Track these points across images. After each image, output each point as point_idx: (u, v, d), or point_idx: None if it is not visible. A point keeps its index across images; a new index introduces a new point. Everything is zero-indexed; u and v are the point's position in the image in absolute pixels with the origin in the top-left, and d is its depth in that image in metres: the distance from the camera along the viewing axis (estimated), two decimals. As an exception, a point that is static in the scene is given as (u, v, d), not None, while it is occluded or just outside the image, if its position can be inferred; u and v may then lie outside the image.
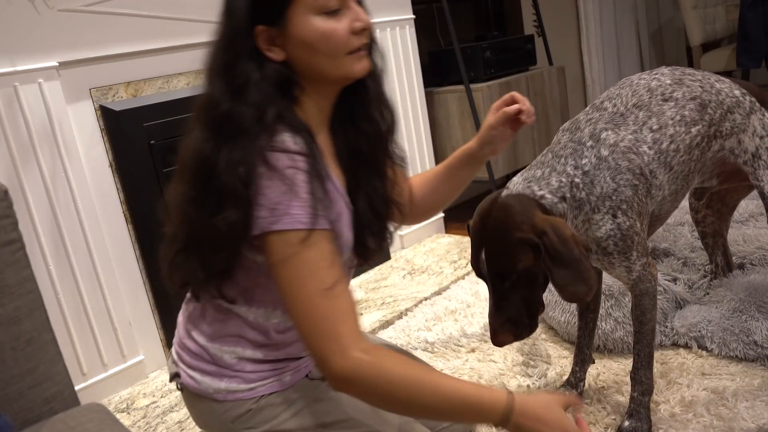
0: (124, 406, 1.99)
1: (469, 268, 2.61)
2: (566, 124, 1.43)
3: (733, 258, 2.01)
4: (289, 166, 0.95)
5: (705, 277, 1.99)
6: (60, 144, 1.89)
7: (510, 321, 1.25)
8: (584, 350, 1.61)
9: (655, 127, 1.36)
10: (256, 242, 0.99)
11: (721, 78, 1.50)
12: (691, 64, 4.38)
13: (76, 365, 1.98)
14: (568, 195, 1.28)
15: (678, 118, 1.38)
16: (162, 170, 2.12)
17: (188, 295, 1.18)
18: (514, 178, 1.34)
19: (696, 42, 4.06)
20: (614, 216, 1.29)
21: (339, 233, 1.04)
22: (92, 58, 1.97)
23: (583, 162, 1.30)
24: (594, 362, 1.66)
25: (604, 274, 1.68)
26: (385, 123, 1.14)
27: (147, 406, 1.97)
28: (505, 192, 1.29)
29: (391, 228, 1.22)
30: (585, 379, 1.63)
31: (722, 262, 1.95)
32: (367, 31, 1.04)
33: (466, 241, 2.97)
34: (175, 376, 1.18)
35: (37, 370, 1.13)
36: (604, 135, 1.33)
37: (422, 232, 3.10)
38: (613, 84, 1.50)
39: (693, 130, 1.39)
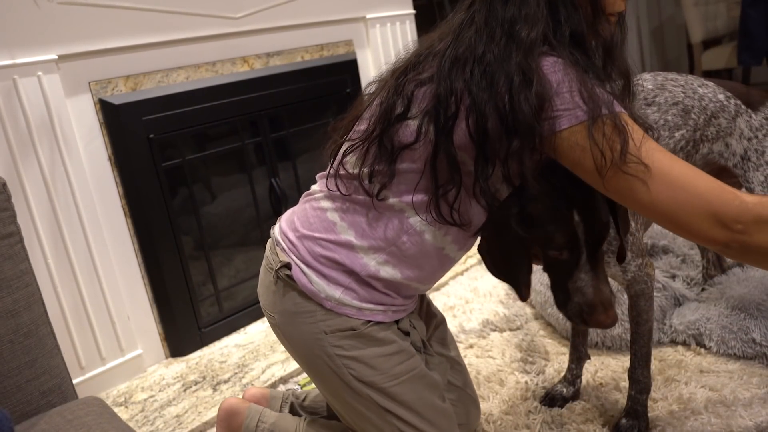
0: (122, 399, 1.99)
1: (468, 264, 2.61)
2: None
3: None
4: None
5: (699, 274, 1.99)
6: (59, 137, 1.89)
7: (611, 293, 1.12)
8: (579, 348, 1.61)
9: None
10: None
11: (705, 82, 1.49)
12: (691, 62, 4.37)
13: (74, 359, 1.98)
14: None
15: (661, 122, 1.38)
16: (161, 164, 2.12)
17: (341, 191, 1.14)
18: None
19: (697, 39, 4.06)
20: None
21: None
22: (91, 51, 1.97)
23: None
24: (590, 358, 1.66)
25: None
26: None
27: (145, 400, 1.97)
28: None
29: None
30: (582, 375, 1.63)
31: (713, 257, 1.95)
32: None
33: (465, 237, 2.97)
34: (283, 266, 1.16)
35: (35, 364, 1.13)
36: None
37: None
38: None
39: (677, 134, 1.39)
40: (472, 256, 2.69)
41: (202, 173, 2.33)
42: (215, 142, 2.33)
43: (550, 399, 1.61)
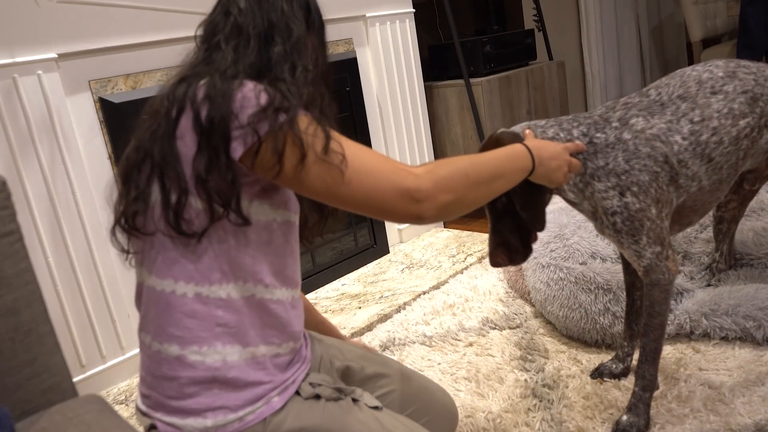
0: (123, 397, 2.00)
1: (468, 262, 2.61)
2: (609, 102, 1.47)
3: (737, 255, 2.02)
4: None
5: (707, 269, 1.99)
6: (59, 136, 1.89)
7: (503, 244, 1.32)
8: (632, 326, 1.64)
9: (696, 119, 1.39)
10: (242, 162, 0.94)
11: None
12: (691, 60, 4.38)
13: (75, 357, 1.98)
14: None
15: (725, 111, 1.41)
16: (161, 163, 2.12)
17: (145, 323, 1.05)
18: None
19: (696, 37, 4.06)
20: (622, 194, 1.33)
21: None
22: (91, 50, 1.97)
23: (597, 135, 1.35)
24: None
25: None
26: None
27: (145, 398, 1.97)
28: (501, 129, 1.35)
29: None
30: (633, 354, 1.66)
31: (726, 251, 1.95)
32: None
33: (465, 235, 2.98)
34: (150, 430, 1.04)
35: (36, 362, 1.13)
36: (633, 120, 1.37)
37: (421, 227, 3.10)
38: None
39: (741, 122, 1.42)
40: (472, 254, 2.70)
41: (201, 172, 2.33)
42: (215, 140, 2.32)
43: (599, 373, 1.67)
